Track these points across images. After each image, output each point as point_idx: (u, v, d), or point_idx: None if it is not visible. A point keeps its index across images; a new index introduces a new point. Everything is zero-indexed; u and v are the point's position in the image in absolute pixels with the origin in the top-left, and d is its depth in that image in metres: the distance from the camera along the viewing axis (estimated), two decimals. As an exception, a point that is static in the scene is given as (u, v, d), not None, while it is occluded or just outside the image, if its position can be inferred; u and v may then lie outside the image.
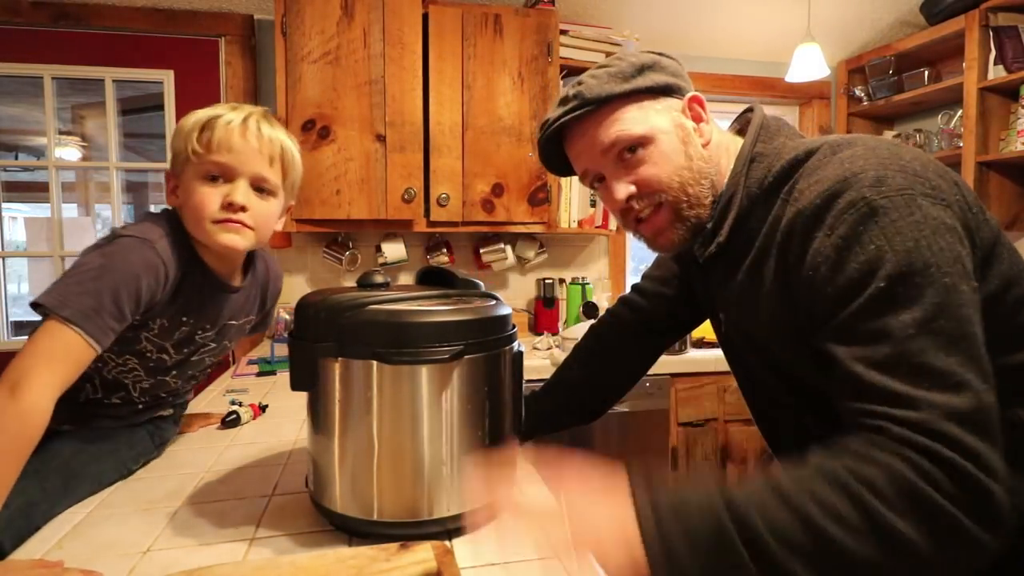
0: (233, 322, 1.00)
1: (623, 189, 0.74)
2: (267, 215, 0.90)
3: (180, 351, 0.95)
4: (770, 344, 0.72)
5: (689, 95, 0.76)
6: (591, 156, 0.76)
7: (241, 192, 0.86)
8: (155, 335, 0.90)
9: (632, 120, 0.73)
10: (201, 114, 0.86)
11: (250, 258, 1.01)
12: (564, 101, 0.75)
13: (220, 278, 0.94)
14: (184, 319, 0.92)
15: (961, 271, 0.55)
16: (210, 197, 0.85)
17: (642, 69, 0.74)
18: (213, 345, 0.99)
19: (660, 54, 0.77)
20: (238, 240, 0.87)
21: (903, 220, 0.56)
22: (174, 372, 0.97)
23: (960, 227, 0.58)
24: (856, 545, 0.48)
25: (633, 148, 0.73)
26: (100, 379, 0.92)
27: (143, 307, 0.83)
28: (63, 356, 0.74)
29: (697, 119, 0.75)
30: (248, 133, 0.86)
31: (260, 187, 0.88)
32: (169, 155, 0.92)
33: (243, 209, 0.86)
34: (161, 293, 0.85)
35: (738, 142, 0.76)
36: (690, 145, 0.73)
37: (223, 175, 0.86)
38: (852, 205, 0.58)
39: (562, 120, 0.74)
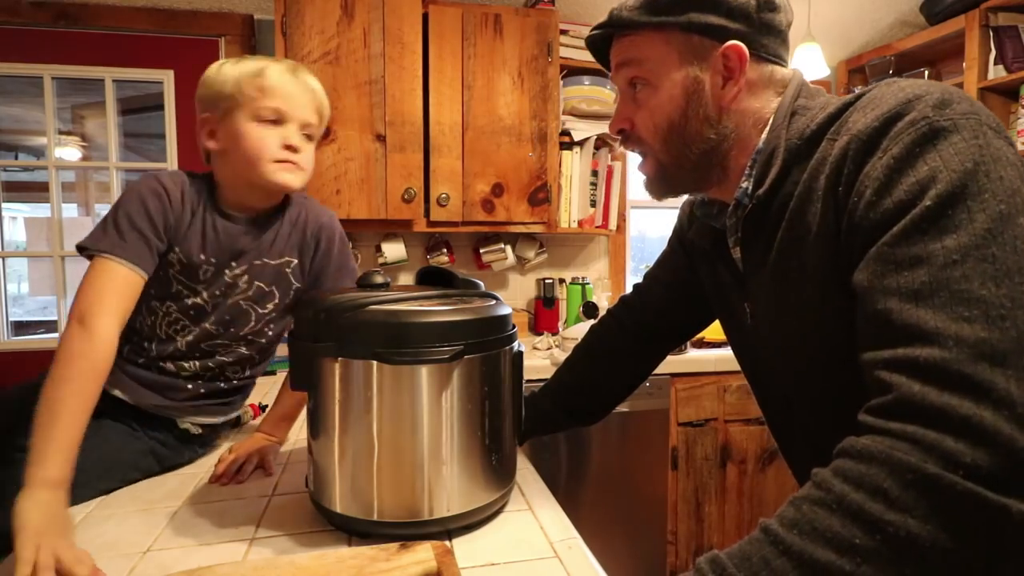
0: (261, 261, 0.98)
1: (617, 122, 0.75)
2: (312, 158, 0.98)
3: (212, 293, 0.96)
4: (808, 332, 0.66)
5: (728, 44, 0.66)
6: (613, 72, 0.75)
7: (294, 135, 0.93)
8: (179, 272, 0.94)
9: (649, 55, 0.69)
10: (248, 65, 0.92)
11: (285, 200, 1.03)
12: (611, 11, 0.72)
13: (235, 213, 0.97)
14: (202, 257, 0.95)
15: (1020, 204, 0.48)
16: (269, 139, 0.91)
17: (681, 2, 0.66)
18: (245, 287, 0.98)
19: None
20: (293, 179, 0.94)
21: (965, 143, 0.50)
22: (213, 318, 0.97)
23: (1020, 167, 0.51)
24: (875, 569, 0.42)
25: (638, 84, 0.71)
26: (156, 339, 0.97)
27: (161, 227, 0.90)
28: (114, 286, 0.84)
29: (729, 74, 0.67)
30: (299, 83, 0.94)
31: (306, 133, 0.95)
32: (201, 104, 0.95)
33: (297, 151, 0.93)
34: (172, 215, 0.92)
35: (776, 102, 0.70)
36: (695, 104, 0.68)
37: (277, 119, 0.92)
38: (911, 124, 0.52)
39: (592, 33, 0.75)
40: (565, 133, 2.17)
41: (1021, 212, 0.48)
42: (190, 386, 0.99)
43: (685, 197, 0.92)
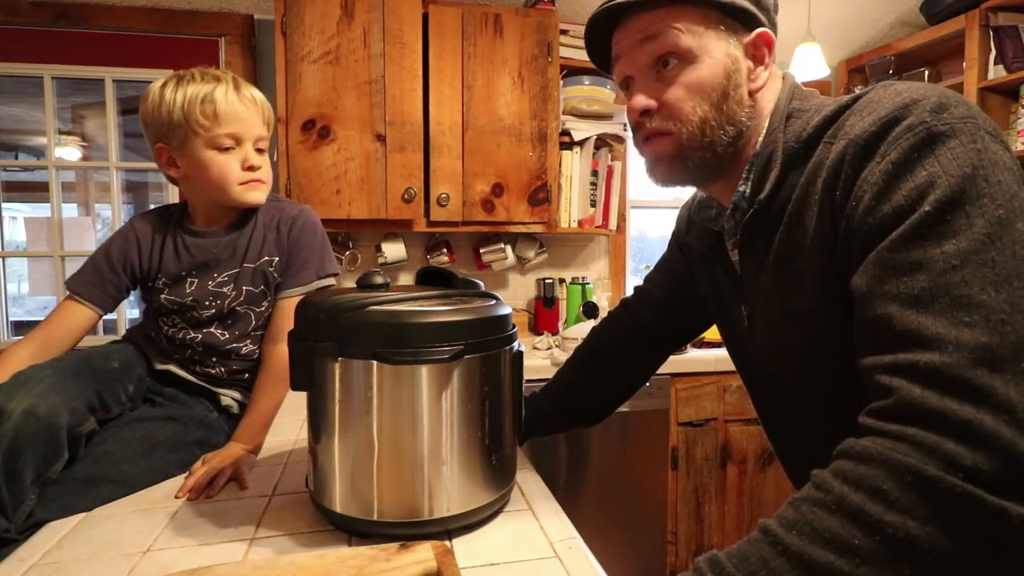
0: (241, 267, 1.02)
1: (643, 100, 0.69)
2: (269, 167, 1.04)
3: (203, 304, 1.02)
4: (805, 336, 0.66)
5: (760, 31, 0.67)
6: (630, 51, 0.70)
7: (252, 154, 0.99)
8: (168, 293, 1.02)
9: (687, 29, 0.66)
10: (191, 89, 0.95)
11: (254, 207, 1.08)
12: None
13: (206, 228, 1.04)
14: (182, 273, 1.02)
15: (1018, 209, 0.48)
16: (232, 164, 0.98)
17: None
18: (234, 294, 1.02)
19: None
20: (260, 196, 1.02)
21: (963, 147, 0.50)
22: (215, 324, 1.03)
23: (1017, 172, 0.51)
24: (874, 570, 0.42)
25: (671, 61, 0.67)
26: (166, 339, 1.04)
27: (122, 263, 1.02)
28: (58, 316, 1.00)
29: (759, 60, 0.68)
30: (246, 101, 0.98)
31: (259, 147, 1.01)
32: (148, 131, 0.99)
33: (257, 168, 1.00)
34: (136, 252, 1.03)
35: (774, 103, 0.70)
36: (733, 84, 0.67)
37: (234, 144, 0.98)
38: (909, 129, 0.52)
39: (619, 3, 0.68)
40: (565, 133, 2.17)
41: (1020, 217, 0.48)
42: (225, 379, 1.05)
43: (684, 197, 0.91)
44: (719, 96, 0.66)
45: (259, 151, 1.01)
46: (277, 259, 1.05)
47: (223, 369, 1.04)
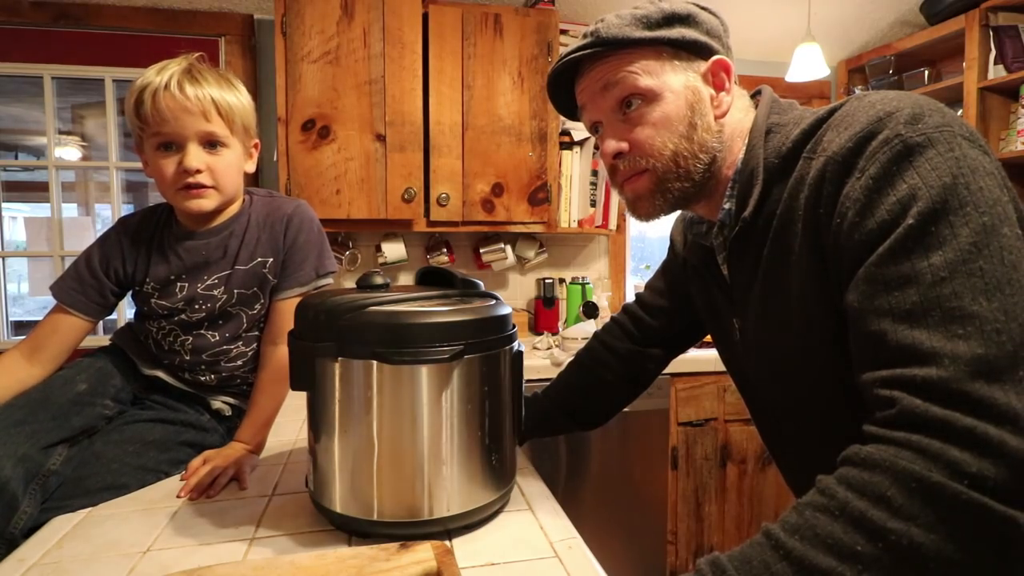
0: (232, 270, 0.99)
1: (613, 144, 0.71)
2: (225, 167, 0.95)
3: (192, 307, 0.99)
4: (794, 349, 0.66)
5: (715, 58, 0.70)
6: (593, 99, 0.72)
7: (192, 155, 0.91)
8: (158, 297, 0.99)
9: (643, 70, 0.68)
10: (137, 84, 0.91)
11: (246, 204, 1.04)
12: (583, 37, 0.71)
13: (192, 231, 0.99)
14: (172, 277, 0.98)
15: (1002, 214, 0.48)
16: (167, 167, 0.92)
17: (671, 19, 0.69)
18: (224, 296, 0.99)
19: (702, 8, 0.71)
20: (204, 203, 0.94)
21: (940, 157, 0.50)
22: (207, 324, 1.01)
23: (999, 176, 0.51)
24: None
25: (634, 102, 0.69)
26: (155, 343, 1.02)
27: (104, 269, 0.99)
28: (49, 324, 0.97)
29: (719, 87, 0.70)
30: (174, 98, 0.89)
31: (210, 142, 0.93)
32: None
33: (199, 171, 0.91)
34: (120, 257, 0.99)
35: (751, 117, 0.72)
36: (698, 113, 0.68)
37: (174, 143, 0.91)
38: (886, 143, 0.52)
39: (572, 56, 0.70)
40: (565, 133, 2.17)
41: (1004, 222, 0.48)
42: (216, 386, 1.03)
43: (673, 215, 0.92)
44: (686, 127, 0.68)
45: (211, 145, 0.93)
46: (272, 260, 1.00)
47: (213, 376, 1.03)
